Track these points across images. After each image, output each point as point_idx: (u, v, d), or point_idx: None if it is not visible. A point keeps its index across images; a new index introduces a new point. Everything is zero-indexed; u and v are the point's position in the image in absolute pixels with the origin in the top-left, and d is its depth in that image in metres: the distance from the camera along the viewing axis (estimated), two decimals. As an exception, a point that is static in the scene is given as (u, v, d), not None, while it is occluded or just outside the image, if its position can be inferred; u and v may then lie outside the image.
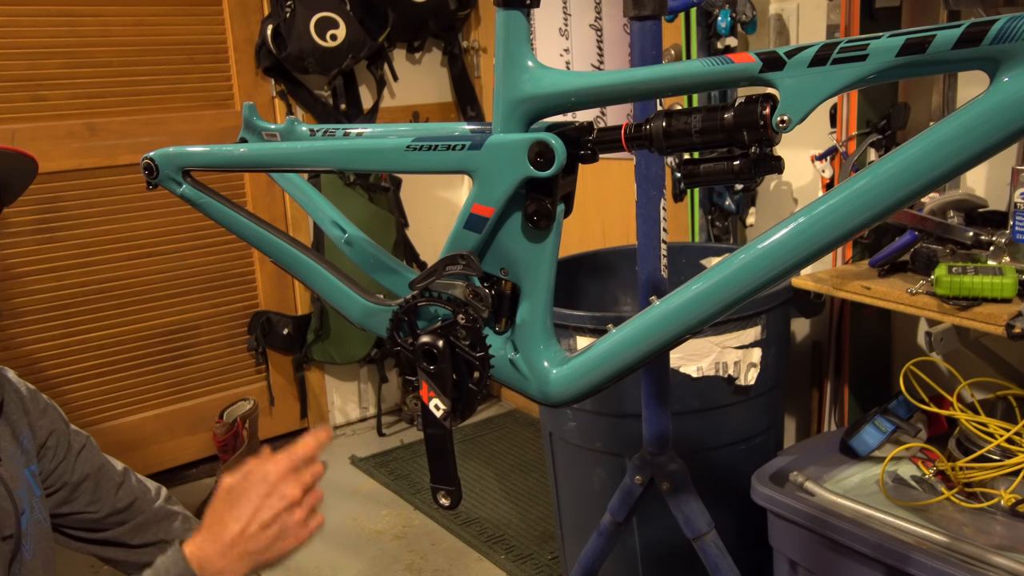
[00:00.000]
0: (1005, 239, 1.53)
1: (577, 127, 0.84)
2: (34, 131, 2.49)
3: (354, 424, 3.25)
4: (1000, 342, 1.72)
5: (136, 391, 2.77)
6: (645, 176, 1.38)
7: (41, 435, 1.18)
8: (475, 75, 3.25)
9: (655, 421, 1.45)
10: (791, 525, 1.51)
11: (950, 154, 0.65)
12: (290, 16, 2.71)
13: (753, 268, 0.75)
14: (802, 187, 2.15)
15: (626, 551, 1.83)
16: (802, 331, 2.16)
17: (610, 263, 2.18)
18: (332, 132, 1.07)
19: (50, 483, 1.19)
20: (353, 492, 2.76)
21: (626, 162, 2.48)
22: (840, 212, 0.70)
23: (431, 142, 0.87)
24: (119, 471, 1.26)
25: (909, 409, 1.66)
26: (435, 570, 2.32)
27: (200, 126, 2.76)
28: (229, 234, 1.12)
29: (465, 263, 0.86)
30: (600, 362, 0.85)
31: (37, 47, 2.49)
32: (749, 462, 1.68)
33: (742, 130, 0.74)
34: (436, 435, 0.90)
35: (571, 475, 1.93)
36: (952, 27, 0.63)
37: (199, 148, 1.09)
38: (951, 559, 1.33)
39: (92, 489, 1.22)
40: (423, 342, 0.87)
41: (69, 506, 1.21)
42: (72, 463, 1.21)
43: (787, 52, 0.70)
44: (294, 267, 1.06)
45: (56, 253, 2.57)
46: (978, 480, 1.46)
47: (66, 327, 2.62)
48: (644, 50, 1.31)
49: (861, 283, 1.64)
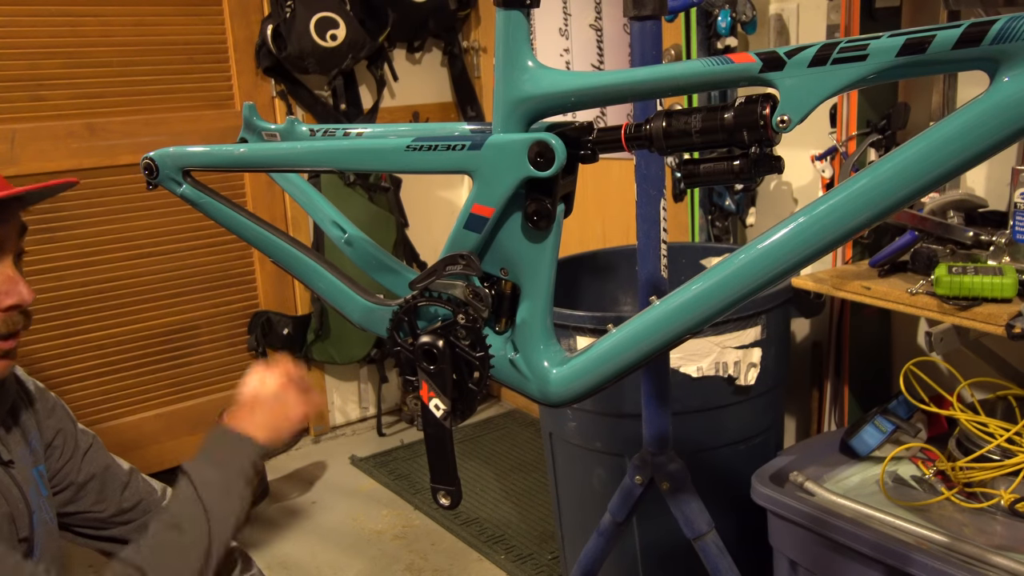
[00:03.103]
0: (1005, 239, 1.52)
1: (577, 127, 0.84)
2: (34, 131, 2.50)
3: (354, 424, 3.25)
4: (1000, 342, 1.72)
5: (136, 391, 2.77)
6: (645, 176, 1.38)
7: (48, 434, 1.18)
8: (475, 75, 3.25)
9: (655, 421, 1.45)
10: (791, 525, 1.51)
11: (950, 154, 0.65)
12: (290, 16, 2.71)
13: (753, 268, 0.75)
14: (802, 187, 2.15)
15: (626, 551, 1.83)
16: (802, 331, 2.16)
17: (610, 263, 2.18)
18: (332, 132, 1.07)
19: (56, 482, 1.19)
20: (353, 492, 2.76)
21: (626, 162, 2.48)
22: (840, 212, 0.70)
23: (431, 142, 0.87)
24: (125, 471, 1.26)
25: (909, 409, 1.66)
26: (435, 570, 2.32)
27: (200, 126, 2.76)
28: (229, 234, 1.12)
29: (465, 263, 0.86)
30: (600, 362, 0.85)
31: (37, 47, 2.49)
32: (749, 462, 1.68)
33: (742, 130, 0.74)
34: (436, 435, 0.90)
35: (571, 475, 1.93)
36: (952, 27, 0.63)
37: (199, 148, 1.09)
38: (951, 559, 1.33)
39: (98, 489, 1.22)
40: (423, 342, 0.87)
41: (75, 505, 1.21)
42: (79, 463, 1.21)
43: (787, 52, 0.70)
44: (294, 267, 1.06)
45: (56, 253, 2.57)
46: (978, 480, 1.46)
47: (66, 327, 2.62)
48: (644, 50, 1.31)
49: (861, 283, 1.64)
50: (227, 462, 1.12)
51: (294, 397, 1.21)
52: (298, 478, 2.87)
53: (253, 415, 1.17)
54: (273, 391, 1.20)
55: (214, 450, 1.14)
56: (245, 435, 1.15)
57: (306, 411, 1.21)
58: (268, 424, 1.17)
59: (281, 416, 1.19)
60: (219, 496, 1.10)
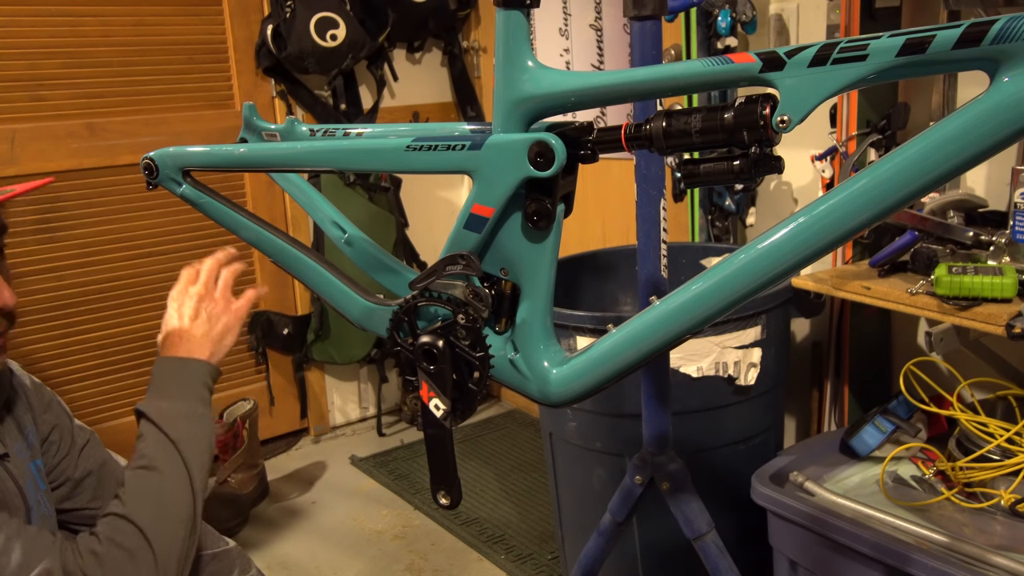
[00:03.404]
0: (1005, 239, 1.52)
1: (577, 127, 0.84)
2: (34, 131, 2.50)
3: (354, 424, 3.25)
4: (1000, 342, 1.72)
5: (136, 391, 2.77)
6: (645, 176, 1.38)
7: (44, 429, 1.18)
8: (475, 75, 3.25)
9: (655, 421, 1.45)
10: (791, 525, 1.51)
11: (950, 154, 0.65)
12: (290, 16, 2.71)
13: (753, 268, 0.75)
14: (802, 187, 2.15)
15: (626, 551, 1.83)
16: (802, 331, 2.16)
17: (610, 263, 2.18)
18: (332, 132, 1.07)
19: (53, 478, 1.19)
20: (353, 492, 2.76)
21: (626, 162, 2.48)
22: (840, 212, 0.70)
23: (431, 142, 0.87)
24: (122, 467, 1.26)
25: (909, 409, 1.66)
26: (435, 570, 2.32)
27: (200, 126, 2.76)
28: (229, 234, 1.12)
29: (465, 263, 0.86)
30: (600, 362, 0.85)
31: (37, 47, 2.49)
32: (749, 462, 1.68)
33: (742, 130, 0.74)
34: (436, 435, 0.90)
35: (571, 475, 1.93)
36: (952, 27, 0.63)
37: (199, 148, 1.09)
38: (951, 559, 1.33)
39: (95, 485, 1.22)
40: (423, 342, 0.87)
41: (71, 502, 1.21)
42: (75, 459, 1.21)
43: (787, 52, 0.70)
44: (294, 267, 1.06)
45: (56, 253, 2.57)
46: (978, 480, 1.46)
47: (66, 327, 2.62)
48: (644, 50, 1.31)
49: (861, 283, 1.64)
50: (180, 390, 1.11)
51: (223, 305, 1.19)
52: (298, 478, 2.87)
53: (190, 335, 1.16)
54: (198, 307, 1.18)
55: (163, 383, 1.13)
56: (191, 358, 1.14)
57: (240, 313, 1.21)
58: (206, 339, 1.16)
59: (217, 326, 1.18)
60: (183, 425, 1.09)
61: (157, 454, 1.06)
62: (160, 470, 1.05)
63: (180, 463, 1.06)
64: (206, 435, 1.10)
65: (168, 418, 1.08)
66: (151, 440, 1.07)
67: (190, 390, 1.12)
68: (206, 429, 1.11)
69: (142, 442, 1.08)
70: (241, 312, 1.22)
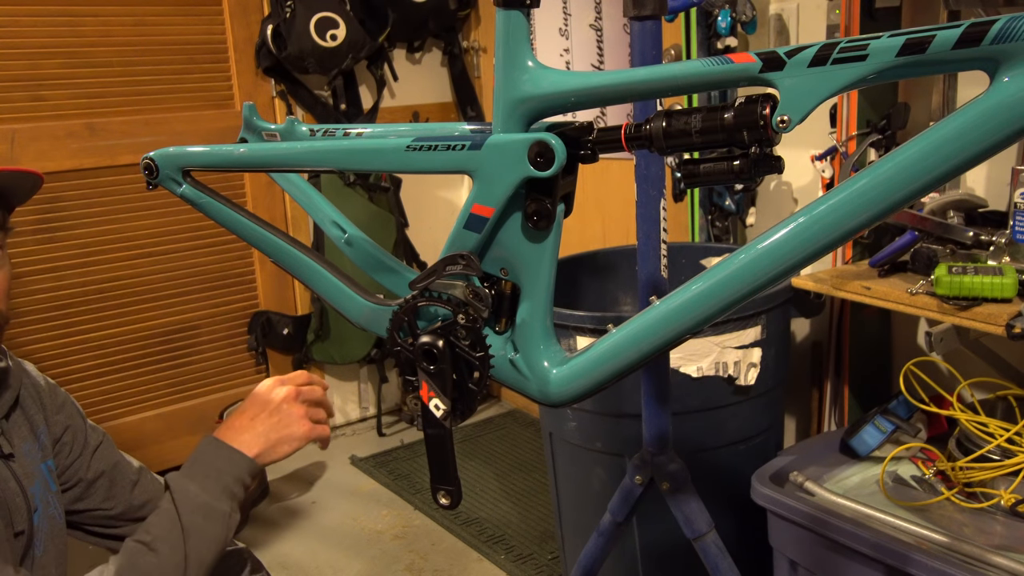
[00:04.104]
0: (1005, 239, 1.52)
1: (577, 127, 0.84)
2: (34, 131, 2.50)
3: (354, 424, 3.25)
4: (1000, 342, 1.72)
5: (136, 391, 2.77)
6: (645, 176, 1.38)
7: (57, 430, 1.18)
8: (475, 75, 3.25)
9: (655, 421, 1.45)
10: (791, 525, 1.51)
11: (950, 154, 0.65)
12: (290, 16, 2.71)
13: (753, 268, 0.75)
14: (802, 187, 2.15)
15: (626, 551, 1.83)
16: (802, 331, 2.16)
17: (610, 263, 2.18)
18: (332, 132, 1.07)
19: (65, 479, 1.19)
20: (353, 492, 2.76)
21: (626, 162, 2.48)
22: (840, 212, 0.70)
23: (431, 142, 0.87)
24: (135, 469, 1.26)
25: (909, 409, 1.66)
26: (435, 570, 2.32)
27: (200, 126, 2.76)
28: (229, 234, 1.12)
29: (465, 263, 0.86)
30: (600, 362, 0.85)
31: (37, 47, 2.49)
32: (749, 462, 1.68)
33: (742, 130, 0.74)
34: (436, 435, 0.90)
35: (571, 475, 1.93)
36: (952, 27, 0.63)
37: (199, 148, 1.09)
38: (951, 559, 1.33)
39: (107, 486, 1.22)
40: (423, 342, 0.87)
41: (84, 503, 1.21)
42: (88, 460, 1.21)
43: (787, 52, 0.70)
44: (294, 267, 1.06)
45: (56, 253, 2.57)
46: (978, 480, 1.46)
47: (66, 327, 2.62)
48: (644, 50, 1.31)
49: (861, 283, 1.64)
50: (214, 478, 1.07)
51: (301, 413, 1.14)
52: (298, 478, 2.87)
53: (253, 424, 1.12)
54: (280, 402, 1.13)
55: (202, 463, 1.09)
56: (237, 450, 1.10)
57: (310, 432, 1.14)
58: (265, 437, 1.11)
59: (282, 430, 1.12)
60: (200, 518, 1.05)
61: (163, 536, 1.03)
62: (159, 553, 1.02)
63: (182, 555, 1.02)
64: (218, 536, 1.06)
65: (189, 504, 1.05)
66: (164, 519, 1.04)
67: (223, 483, 1.08)
68: (221, 530, 1.06)
69: (156, 516, 1.06)
70: (308, 435, 1.15)
